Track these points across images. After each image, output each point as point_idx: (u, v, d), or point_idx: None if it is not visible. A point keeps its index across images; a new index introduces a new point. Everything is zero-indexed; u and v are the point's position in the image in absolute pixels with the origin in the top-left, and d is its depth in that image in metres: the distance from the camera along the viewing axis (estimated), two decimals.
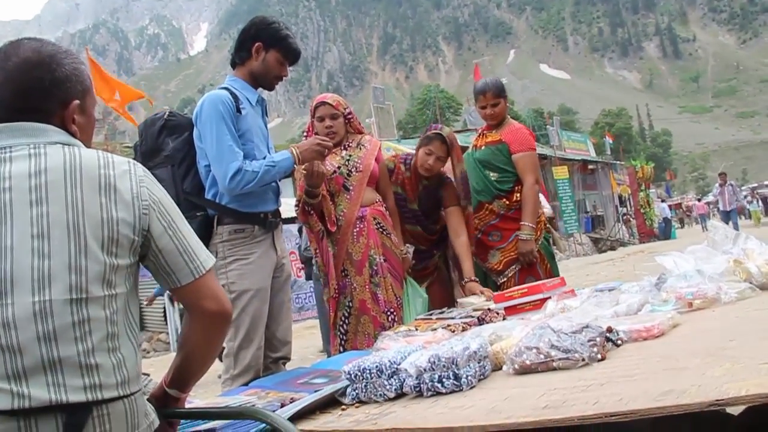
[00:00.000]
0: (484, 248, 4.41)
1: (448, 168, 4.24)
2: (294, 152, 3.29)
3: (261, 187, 3.21)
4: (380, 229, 3.86)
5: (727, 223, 17.66)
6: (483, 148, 4.53)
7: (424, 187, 4.23)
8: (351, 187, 3.84)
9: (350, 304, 3.79)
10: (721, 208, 19.37)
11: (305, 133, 3.97)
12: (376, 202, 3.92)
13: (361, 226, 3.81)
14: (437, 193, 4.23)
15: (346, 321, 3.80)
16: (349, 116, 3.97)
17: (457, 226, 4.14)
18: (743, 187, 47.33)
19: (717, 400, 1.29)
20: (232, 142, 3.13)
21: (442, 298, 4.21)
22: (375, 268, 3.79)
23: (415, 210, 4.22)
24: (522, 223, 4.27)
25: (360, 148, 3.93)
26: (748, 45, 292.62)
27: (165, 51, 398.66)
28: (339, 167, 3.84)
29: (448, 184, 4.23)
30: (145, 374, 1.71)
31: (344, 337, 3.81)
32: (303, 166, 3.44)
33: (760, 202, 39.22)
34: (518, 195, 4.36)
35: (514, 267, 4.32)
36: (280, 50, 3.35)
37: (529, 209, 4.28)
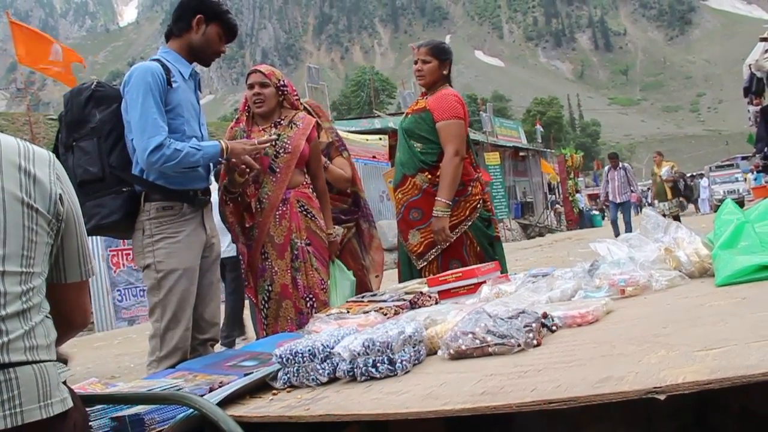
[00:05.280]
0: (405, 226, 4.14)
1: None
2: (224, 146, 3.19)
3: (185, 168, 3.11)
4: (304, 212, 3.71)
5: (615, 220, 14.64)
6: (410, 116, 4.21)
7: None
8: (278, 169, 3.68)
9: (270, 288, 3.67)
10: (611, 199, 14.76)
11: (238, 109, 3.87)
12: (303, 184, 3.76)
13: (284, 209, 3.66)
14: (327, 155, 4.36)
15: (266, 305, 3.69)
16: (284, 88, 3.80)
17: (343, 166, 4.40)
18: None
19: (655, 388, 1.29)
20: (158, 116, 3.01)
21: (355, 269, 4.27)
22: (296, 252, 3.66)
23: None
24: (437, 198, 3.94)
25: (291, 127, 3.76)
26: (675, 42, 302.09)
27: (93, 20, 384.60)
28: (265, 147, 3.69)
29: (331, 144, 4.45)
30: (61, 361, 1.62)
31: (265, 322, 3.71)
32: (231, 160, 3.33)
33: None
34: None
35: (435, 250, 4.03)
36: (220, 24, 3.28)
37: (446, 183, 3.94)
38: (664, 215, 14.59)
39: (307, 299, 3.65)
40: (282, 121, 3.79)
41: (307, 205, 3.74)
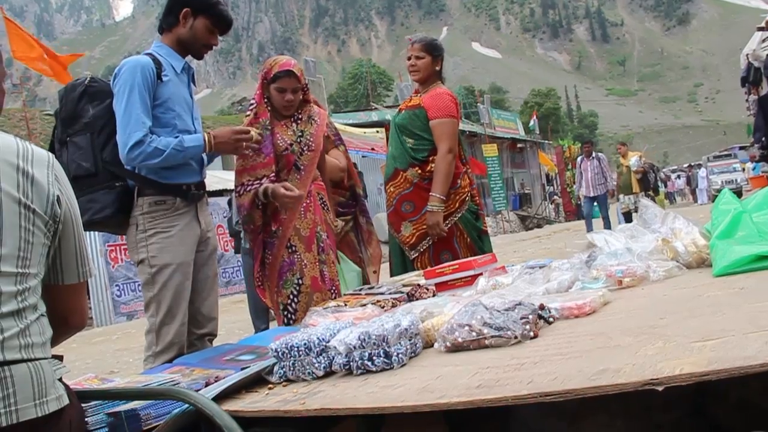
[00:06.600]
0: (398, 219, 4.25)
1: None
2: (207, 139, 3.13)
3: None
4: (323, 205, 3.72)
5: (590, 215, 13.60)
6: (403, 112, 4.33)
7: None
8: (302, 167, 3.64)
9: (300, 281, 3.57)
10: (585, 193, 13.46)
11: (253, 99, 3.68)
12: (319, 177, 3.77)
13: (308, 201, 3.62)
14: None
15: (295, 299, 3.57)
16: (306, 87, 3.76)
17: (338, 157, 4.24)
18: (664, 169, 48.33)
19: (652, 380, 1.28)
20: (142, 112, 2.98)
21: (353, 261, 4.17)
22: (321, 244, 3.63)
23: None
24: (431, 194, 4.08)
25: (311, 123, 3.73)
26: (672, 32, 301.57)
27: (89, 15, 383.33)
28: (291, 144, 3.63)
29: (327, 138, 4.17)
30: (57, 357, 1.61)
31: (293, 317, 3.56)
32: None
33: (677, 181, 40.09)
34: (433, 165, 4.14)
35: (426, 241, 4.15)
36: (209, 17, 3.21)
37: (440, 179, 4.08)
38: (629, 211, 12.83)
39: (332, 291, 3.62)
40: (302, 117, 3.74)
41: (324, 198, 3.76)
